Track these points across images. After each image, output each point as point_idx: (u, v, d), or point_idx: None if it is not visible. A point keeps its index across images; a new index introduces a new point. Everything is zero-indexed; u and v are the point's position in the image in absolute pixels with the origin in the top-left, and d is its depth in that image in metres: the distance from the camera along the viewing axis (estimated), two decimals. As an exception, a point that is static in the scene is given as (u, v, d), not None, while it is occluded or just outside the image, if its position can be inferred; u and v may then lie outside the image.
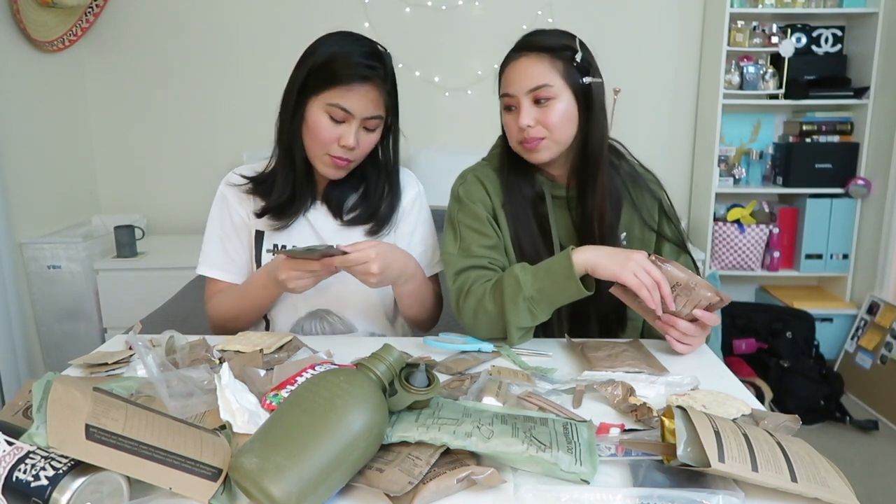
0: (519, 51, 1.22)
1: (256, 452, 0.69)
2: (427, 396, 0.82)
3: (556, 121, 1.19)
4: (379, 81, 1.21)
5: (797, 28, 2.91)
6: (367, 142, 1.25)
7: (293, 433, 0.71)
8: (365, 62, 1.19)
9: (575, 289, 1.11)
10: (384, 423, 0.76)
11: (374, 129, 1.24)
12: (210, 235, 1.36)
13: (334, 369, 0.80)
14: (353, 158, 1.25)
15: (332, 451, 0.70)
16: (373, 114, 1.22)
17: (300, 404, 0.74)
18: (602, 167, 1.23)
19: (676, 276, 1.10)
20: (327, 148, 1.22)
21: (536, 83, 1.18)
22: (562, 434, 0.80)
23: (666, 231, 1.32)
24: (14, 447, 0.69)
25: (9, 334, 2.43)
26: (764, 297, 3.16)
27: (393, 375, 0.80)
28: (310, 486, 0.68)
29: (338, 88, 1.19)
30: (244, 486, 0.69)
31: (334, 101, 1.19)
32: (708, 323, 1.13)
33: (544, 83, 1.18)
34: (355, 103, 1.19)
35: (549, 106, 1.19)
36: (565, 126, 1.21)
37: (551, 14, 2.96)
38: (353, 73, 1.18)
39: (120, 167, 3.16)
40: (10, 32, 2.59)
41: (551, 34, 1.23)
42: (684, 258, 1.31)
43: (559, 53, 1.19)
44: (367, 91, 1.20)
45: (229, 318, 1.32)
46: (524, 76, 1.20)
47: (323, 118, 1.21)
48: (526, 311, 1.14)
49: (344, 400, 0.73)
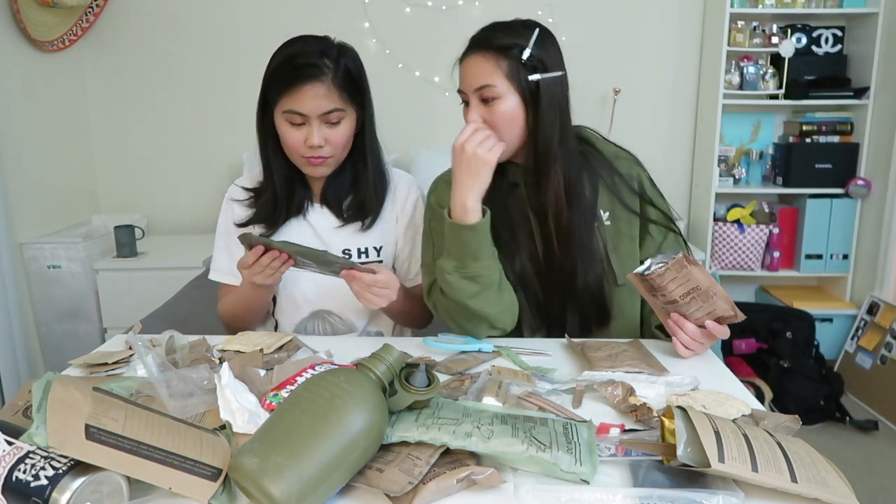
0: (470, 48, 1.21)
1: (256, 452, 0.69)
2: (427, 396, 0.82)
3: (498, 121, 1.18)
4: (327, 77, 1.21)
5: (797, 28, 2.91)
6: (336, 136, 1.25)
7: (293, 433, 0.71)
8: (306, 62, 1.20)
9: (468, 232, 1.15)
10: (384, 423, 0.76)
11: (338, 121, 1.24)
12: (218, 244, 1.41)
13: (334, 369, 0.80)
14: (327, 154, 1.26)
15: (332, 451, 0.70)
16: (327, 109, 1.22)
17: (300, 404, 0.74)
18: (552, 164, 1.20)
19: (698, 280, 1.08)
20: (299, 151, 1.25)
21: (480, 83, 1.18)
22: (562, 434, 0.80)
23: (649, 213, 1.29)
24: (14, 447, 0.69)
25: (9, 334, 2.43)
26: (764, 297, 3.16)
27: (393, 375, 0.80)
28: (310, 486, 0.68)
29: (288, 94, 1.21)
30: (244, 486, 0.69)
31: (287, 108, 1.22)
32: (716, 334, 1.12)
33: (487, 83, 1.17)
34: (306, 104, 1.21)
35: (493, 106, 1.18)
36: (508, 126, 1.19)
37: (551, 14, 2.96)
38: (296, 76, 1.20)
39: (120, 167, 3.16)
40: (10, 32, 2.59)
41: (504, 29, 1.20)
42: (672, 237, 1.29)
43: (506, 52, 1.17)
44: (314, 89, 1.21)
45: (237, 318, 1.35)
46: (470, 75, 1.19)
47: (284, 126, 1.24)
48: (463, 281, 1.16)
49: (344, 400, 0.73)
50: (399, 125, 2.95)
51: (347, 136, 1.27)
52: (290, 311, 1.38)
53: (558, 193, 1.21)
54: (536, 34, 1.18)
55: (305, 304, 1.37)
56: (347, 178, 1.34)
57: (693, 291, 1.08)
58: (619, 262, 1.26)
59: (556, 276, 1.25)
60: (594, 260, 1.24)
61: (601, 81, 3.03)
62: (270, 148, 1.30)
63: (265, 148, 1.31)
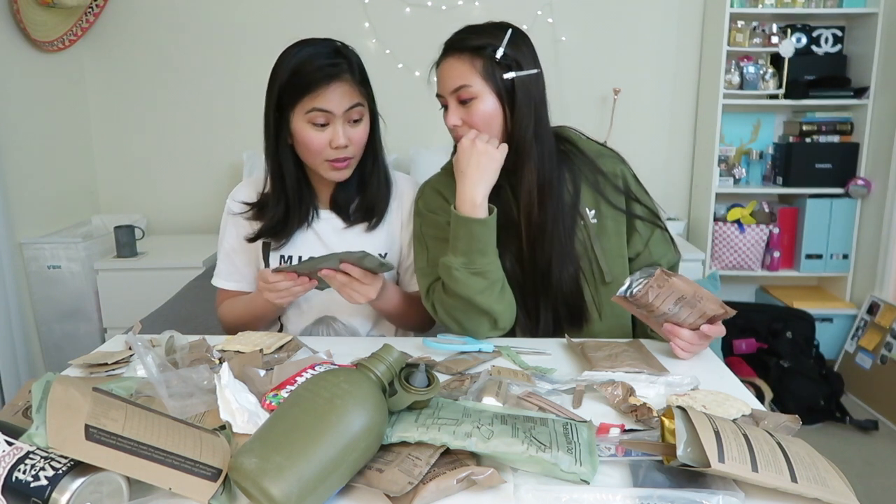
0: (445, 51, 1.23)
1: (256, 453, 0.69)
2: (427, 397, 0.82)
3: (477, 121, 1.19)
4: (347, 75, 1.22)
5: (797, 28, 2.91)
6: (357, 134, 1.25)
7: (293, 433, 0.71)
8: (327, 62, 1.20)
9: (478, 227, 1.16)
10: (384, 423, 0.76)
11: (360, 118, 1.25)
12: (219, 253, 1.42)
13: (334, 369, 0.80)
14: (351, 155, 1.25)
15: (331, 452, 0.70)
16: (352, 103, 1.22)
17: (300, 404, 0.74)
18: (526, 161, 1.21)
19: (681, 290, 1.08)
20: (323, 154, 1.24)
21: (456, 84, 1.19)
22: (562, 434, 0.80)
23: (635, 209, 1.29)
24: (14, 447, 0.69)
25: (9, 334, 2.44)
26: (764, 297, 3.16)
27: (393, 375, 0.80)
28: (309, 487, 0.68)
29: (311, 94, 1.20)
30: (244, 486, 0.69)
31: (312, 107, 1.21)
32: (712, 335, 1.12)
33: (463, 84, 1.18)
34: (331, 101, 1.20)
35: (471, 106, 1.19)
36: (486, 126, 1.20)
37: (551, 14, 2.96)
38: (320, 75, 1.20)
39: (120, 167, 3.16)
40: (10, 32, 2.59)
41: (477, 31, 1.22)
42: (659, 233, 1.30)
43: (480, 52, 1.18)
44: (338, 86, 1.21)
45: (241, 324, 1.35)
46: (447, 77, 1.21)
47: (307, 128, 1.22)
48: (472, 277, 1.16)
49: (344, 400, 0.73)
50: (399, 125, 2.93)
51: (365, 134, 1.27)
52: (295, 318, 1.39)
53: (531, 191, 1.22)
54: (509, 34, 1.19)
55: (311, 311, 1.38)
56: (355, 180, 1.33)
57: (680, 301, 1.09)
58: (606, 261, 1.26)
59: (530, 276, 1.26)
60: (568, 259, 1.24)
61: (601, 81, 3.02)
62: (283, 155, 1.28)
63: (276, 155, 1.28)
